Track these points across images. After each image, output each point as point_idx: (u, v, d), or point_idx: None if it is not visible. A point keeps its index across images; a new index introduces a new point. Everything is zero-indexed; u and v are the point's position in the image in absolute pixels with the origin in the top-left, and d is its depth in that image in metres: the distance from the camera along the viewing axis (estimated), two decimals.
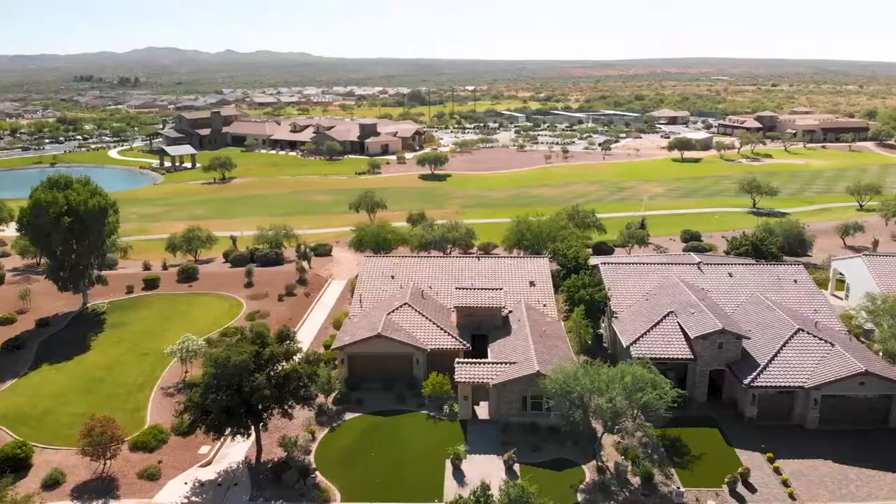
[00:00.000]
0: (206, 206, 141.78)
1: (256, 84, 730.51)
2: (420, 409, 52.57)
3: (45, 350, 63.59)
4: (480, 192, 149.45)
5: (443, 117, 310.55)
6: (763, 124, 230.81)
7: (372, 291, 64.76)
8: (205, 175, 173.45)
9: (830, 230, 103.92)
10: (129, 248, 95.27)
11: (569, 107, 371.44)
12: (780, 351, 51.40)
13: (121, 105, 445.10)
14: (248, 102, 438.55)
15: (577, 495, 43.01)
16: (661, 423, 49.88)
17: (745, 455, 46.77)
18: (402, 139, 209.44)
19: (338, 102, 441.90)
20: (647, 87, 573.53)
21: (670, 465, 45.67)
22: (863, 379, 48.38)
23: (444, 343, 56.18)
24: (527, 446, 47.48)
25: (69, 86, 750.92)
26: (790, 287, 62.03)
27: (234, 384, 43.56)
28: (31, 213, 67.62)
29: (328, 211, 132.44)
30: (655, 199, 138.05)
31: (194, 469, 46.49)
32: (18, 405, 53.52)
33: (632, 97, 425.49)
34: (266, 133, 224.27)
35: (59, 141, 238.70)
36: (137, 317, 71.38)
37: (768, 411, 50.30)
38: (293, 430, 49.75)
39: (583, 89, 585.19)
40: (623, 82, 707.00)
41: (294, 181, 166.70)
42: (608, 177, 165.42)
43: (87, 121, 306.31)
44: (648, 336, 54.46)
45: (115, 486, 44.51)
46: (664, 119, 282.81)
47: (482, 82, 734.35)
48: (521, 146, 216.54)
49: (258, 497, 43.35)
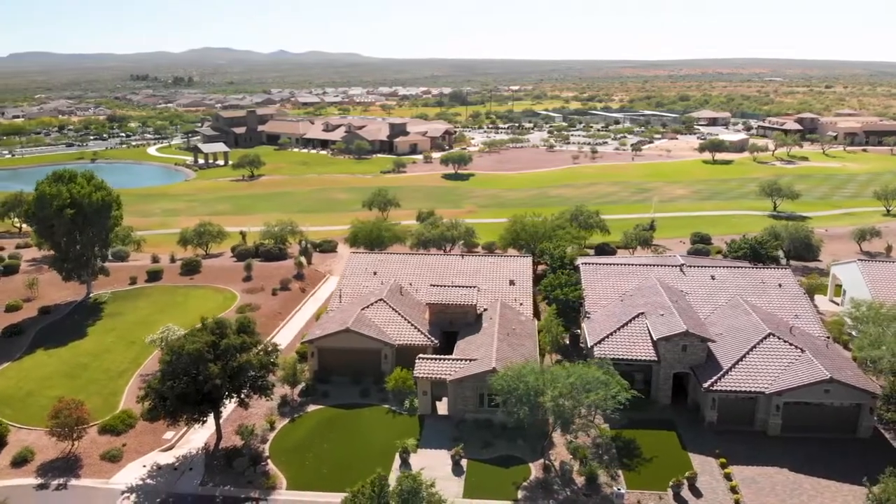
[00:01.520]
0: (230, 202, 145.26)
1: (305, 84, 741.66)
2: (383, 404, 53.33)
3: (43, 336, 66.53)
4: (500, 192, 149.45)
5: (478, 117, 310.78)
6: (803, 126, 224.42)
7: (353, 287, 65.79)
8: (234, 172, 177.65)
9: (850, 235, 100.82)
10: (142, 242, 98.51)
11: (608, 107, 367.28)
12: (747, 355, 50.48)
13: (170, 104, 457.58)
14: (292, 102, 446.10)
15: (518, 492, 43.16)
16: (619, 424, 49.70)
17: (698, 459, 46.12)
18: (432, 139, 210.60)
19: (380, 103, 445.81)
20: (696, 88, 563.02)
21: (618, 467, 45.37)
22: (828, 386, 47.16)
23: (413, 339, 56.82)
24: (479, 442, 47.81)
25: (125, 84, 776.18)
26: (773, 291, 60.73)
27: (191, 372, 45.07)
28: (36, 206, 70.79)
29: (345, 208, 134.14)
30: (676, 201, 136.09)
31: (155, 453, 48.22)
32: (5, 387, 56.23)
33: (676, 98, 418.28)
34: (299, 132, 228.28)
35: (102, 138, 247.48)
36: (134, 307, 73.95)
37: (730, 416, 49.43)
38: (256, 420, 51.15)
39: (629, 89, 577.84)
40: (672, 83, 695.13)
41: (319, 179, 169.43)
42: (633, 178, 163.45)
43: (133, 119, 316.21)
44: (614, 337, 54.11)
45: (77, 465, 46.56)
46: (704, 120, 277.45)
47: (527, 82, 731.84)
48: (551, 146, 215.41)
49: (208, 482, 44.75)
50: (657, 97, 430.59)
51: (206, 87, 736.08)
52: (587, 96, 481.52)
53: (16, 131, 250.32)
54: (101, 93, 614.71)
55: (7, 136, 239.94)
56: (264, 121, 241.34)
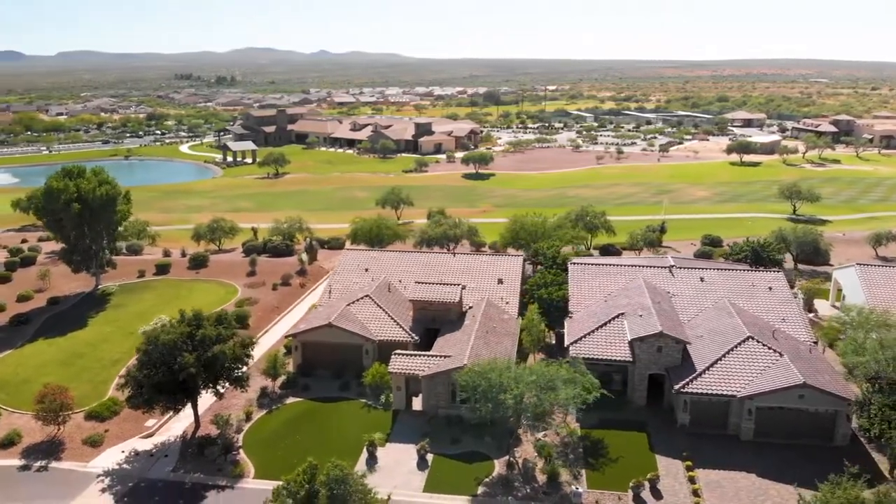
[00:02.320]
0: (252, 199, 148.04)
1: (343, 84, 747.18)
2: (361, 398, 54.14)
3: (47, 326, 69.03)
4: (518, 192, 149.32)
5: (508, 117, 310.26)
6: (839, 128, 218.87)
7: (344, 283, 66.76)
8: (260, 170, 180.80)
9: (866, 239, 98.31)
10: (157, 236, 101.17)
11: (642, 107, 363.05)
12: (723, 358, 49.91)
13: (209, 103, 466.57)
14: (328, 102, 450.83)
15: (479, 488, 43.52)
16: (591, 423, 49.73)
17: (665, 462, 45.81)
18: (457, 139, 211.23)
19: (414, 102, 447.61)
20: (737, 89, 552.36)
21: (582, 466, 45.35)
22: (802, 391, 46.40)
23: (394, 335, 57.49)
24: (447, 438, 48.28)
25: (169, 84, 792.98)
26: (762, 294, 59.80)
27: (167, 362, 46.47)
28: (44, 200, 73.44)
29: (362, 207, 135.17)
30: (696, 203, 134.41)
31: (135, 440, 49.83)
32: (3, 373, 58.58)
33: (714, 99, 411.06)
34: (327, 131, 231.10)
35: (138, 135, 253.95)
36: (139, 299, 76.17)
37: (703, 419, 48.94)
38: (236, 410, 52.43)
39: (668, 90, 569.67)
40: (714, 83, 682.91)
41: (341, 178, 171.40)
42: (655, 179, 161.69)
43: (171, 117, 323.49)
44: (591, 336, 53.99)
45: (60, 449, 48.43)
46: (738, 121, 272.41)
47: (565, 82, 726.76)
48: (577, 146, 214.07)
49: (180, 469, 46.12)
50: (695, 98, 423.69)
51: (247, 87, 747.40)
52: (624, 96, 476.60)
53: (55, 128, 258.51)
54: (144, 91, 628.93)
55: (47, 132, 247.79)
56: (294, 120, 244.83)
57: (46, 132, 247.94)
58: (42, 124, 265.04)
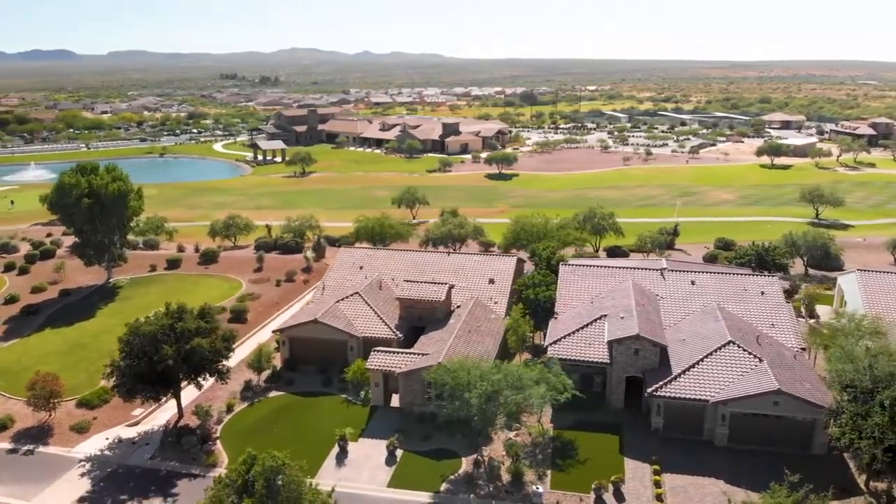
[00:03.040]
0: (275, 197, 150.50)
1: (384, 84, 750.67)
2: (342, 394, 54.98)
3: (55, 316, 71.68)
4: (539, 193, 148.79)
5: (541, 117, 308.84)
6: (877, 132, 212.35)
7: (337, 280, 67.80)
8: (287, 169, 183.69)
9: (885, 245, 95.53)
10: (174, 232, 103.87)
11: (679, 108, 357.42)
12: (700, 362, 49.33)
13: (250, 102, 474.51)
14: (365, 102, 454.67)
15: (442, 485, 43.91)
16: (565, 424, 49.72)
17: (633, 465, 45.52)
18: (484, 139, 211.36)
19: (450, 103, 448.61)
20: (782, 91, 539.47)
21: (549, 467, 45.36)
22: (776, 398, 45.63)
23: (378, 332, 58.22)
24: (419, 434, 48.82)
25: (214, 83, 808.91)
26: (754, 299, 58.81)
27: (148, 353, 47.97)
28: (56, 195, 76.15)
29: (380, 205, 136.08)
30: (718, 206, 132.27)
31: (120, 427, 51.54)
32: (7, 361, 61.11)
33: (756, 100, 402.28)
34: (357, 131, 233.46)
35: (175, 133, 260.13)
36: (146, 292, 78.42)
37: (678, 423, 48.41)
38: (219, 402, 53.76)
39: (710, 90, 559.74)
40: (759, 84, 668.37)
41: (364, 177, 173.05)
42: (681, 181, 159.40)
43: (210, 116, 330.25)
44: (571, 337, 53.88)
45: (49, 434, 50.42)
46: (777, 123, 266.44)
47: (607, 82, 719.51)
48: (606, 147, 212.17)
49: (157, 457, 47.61)
50: (736, 99, 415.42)
51: (289, 87, 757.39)
52: (663, 97, 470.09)
53: (96, 126, 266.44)
54: (189, 91, 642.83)
55: (88, 130, 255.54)
56: (325, 120, 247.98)
57: (87, 130, 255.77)
58: (84, 122, 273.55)
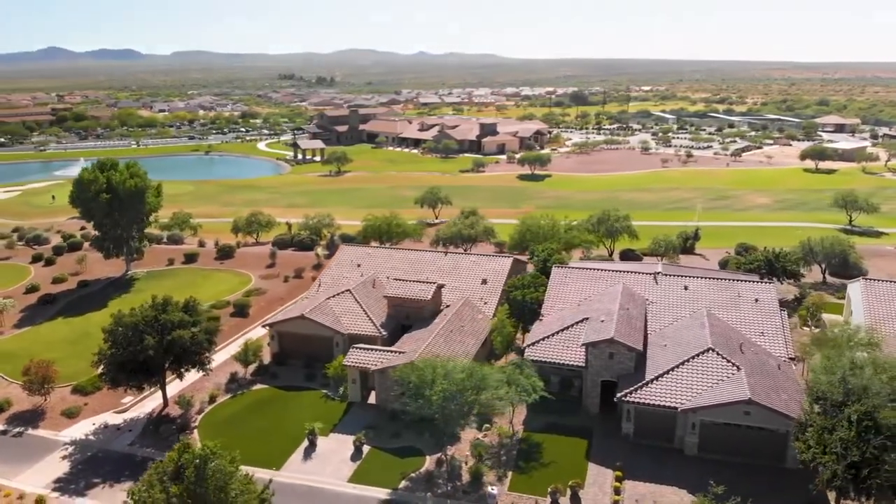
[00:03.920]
0: (308, 195, 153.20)
1: (438, 85, 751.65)
2: (323, 389, 55.89)
3: (70, 306, 74.78)
4: (569, 194, 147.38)
5: (587, 117, 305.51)
6: None
7: (334, 277, 68.85)
8: (324, 168, 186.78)
9: None
10: (199, 227, 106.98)
11: (731, 110, 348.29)
12: (675, 369, 48.34)
13: (303, 102, 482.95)
14: (414, 102, 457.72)
15: (401, 482, 44.28)
16: (537, 426, 49.49)
17: (596, 470, 44.97)
18: (521, 139, 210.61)
19: (499, 103, 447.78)
20: (845, 93, 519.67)
21: (511, 468, 45.21)
22: (747, 408, 44.43)
23: (363, 329, 58.90)
24: (389, 432, 49.30)
25: (271, 83, 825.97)
26: (746, 305, 57.25)
27: (131, 343, 49.76)
28: (77, 190, 79.45)
29: (407, 205, 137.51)
30: (751, 210, 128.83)
31: (108, 414, 53.58)
32: (17, 347, 64.16)
33: (813, 102, 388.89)
34: (396, 131, 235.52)
35: (223, 132, 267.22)
36: (159, 285, 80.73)
37: (649, 430, 47.55)
38: (205, 393, 55.35)
39: (769, 92, 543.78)
40: (822, 86, 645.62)
41: (396, 177, 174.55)
42: (718, 184, 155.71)
43: (261, 115, 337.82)
44: (549, 340, 53.53)
45: (41, 418, 52.81)
46: (829, 126, 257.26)
47: (662, 83, 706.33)
48: (646, 148, 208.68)
49: (136, 443, 49.38)
50: (793, 100, 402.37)
51: (344, 87, 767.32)
52: (718, 98, 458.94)
53: (149, 124, 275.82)
54: (247, 91, 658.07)
55: (142, 127, 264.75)
56: (366, 120, 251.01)
57: (140, 127, 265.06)
58: (137, 120, 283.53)
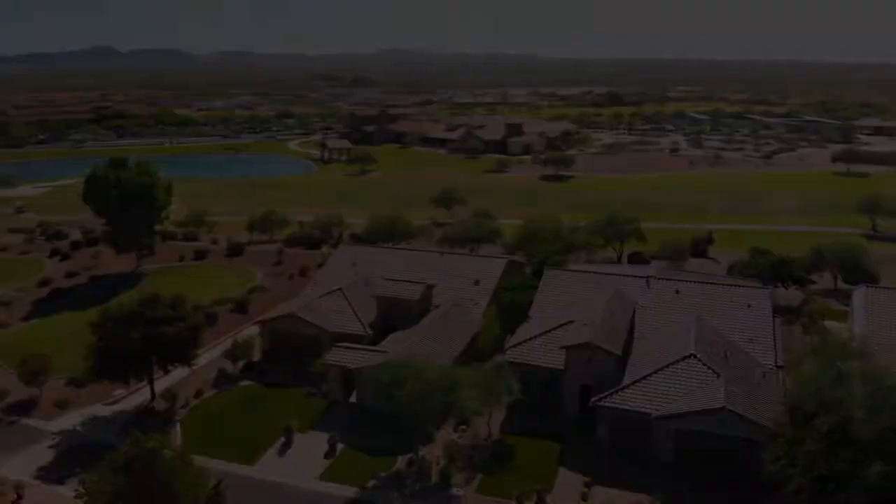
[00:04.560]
0: (330, 194, 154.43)
1: (479, 85, 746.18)
2: (307, 387, 56.40)
3: (78, 301, 76.79)
4: (589, 196, 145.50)
5: (620, 118, 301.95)
6: None
7: (330, 276, 69.39)
8: (348, 167, 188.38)
9: None
10: (213, 225, 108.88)
11: (769, 111, 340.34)
12: (654, 374, 47.61)
13: (340, 102, 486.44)
14: (448, 102, 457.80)
15: (369, 481, 44.49)
16: (514, 429, 49.34)
17: (567, 475, 44.54)
18: (548, 139, 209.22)
19: (534, 103, 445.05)
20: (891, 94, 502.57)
21: (481, 471, 45.05)
22: (721, 416, 43.49)
23: (350, 328, 59.25)
24: (367, 431, 49.51)
25: (312, 83, 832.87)
26: (738, 311, 56.03)
27: (118, 337, 51.00)
28: (87, 187, 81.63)
29: (423, 205, 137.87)
30: (772, 214, 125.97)
31: (98, 406, 54.94)
32: (20, 339, 66.23)
33: (855, 104, 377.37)
34: (423, 131, 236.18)
35: (255, 131, 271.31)
36: (166, 281, 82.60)
37: (624, 436, 46.86)
38: (191, 388, 56.38)
39: (811, 92, 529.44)
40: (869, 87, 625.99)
41: (417, 177, 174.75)
42: (742, 187, 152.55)
43: (296, 115, 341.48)
44: (532, 342, 53.18)
45: (34, 408, 54.38)
46: (868, 128, 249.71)
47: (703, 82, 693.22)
48: (675, 150, 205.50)
49: (119, 434, 50.44)
50: (833, 102, 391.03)
51: (382, 87, 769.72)
52: (759, 99, 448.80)
53: (184, 122, 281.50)
54: (287, 90, 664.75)
55: (177, 126, 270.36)
56: (395, 119, 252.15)
57: (176, 126, 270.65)
58: (173, 118, 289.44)
